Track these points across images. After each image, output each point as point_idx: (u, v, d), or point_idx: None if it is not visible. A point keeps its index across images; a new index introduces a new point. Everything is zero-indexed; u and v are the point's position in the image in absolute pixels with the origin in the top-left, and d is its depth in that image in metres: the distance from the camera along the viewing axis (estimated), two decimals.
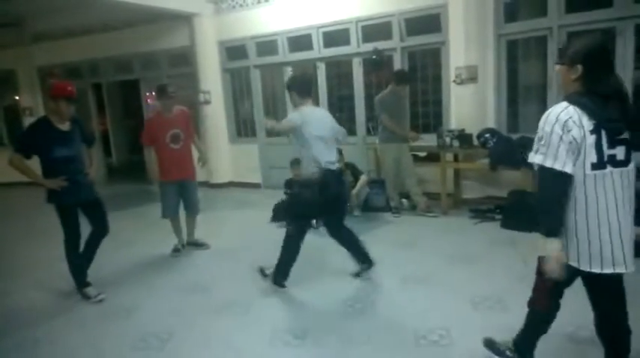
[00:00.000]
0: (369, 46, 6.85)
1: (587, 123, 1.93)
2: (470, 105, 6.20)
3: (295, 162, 6.08)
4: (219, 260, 4.91)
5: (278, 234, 5.72)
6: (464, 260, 4.38)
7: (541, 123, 2.02)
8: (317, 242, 5.11)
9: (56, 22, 9.32)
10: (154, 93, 4.61)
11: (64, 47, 9.78)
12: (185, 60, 8.81)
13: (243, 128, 8.79)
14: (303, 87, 3.95)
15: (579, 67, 1.98)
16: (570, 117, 1.94)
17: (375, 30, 6.92)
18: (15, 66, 10.39)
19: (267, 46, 8.03)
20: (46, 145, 3.74)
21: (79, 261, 4.07)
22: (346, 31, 7.15)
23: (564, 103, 1.99)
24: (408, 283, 3.98)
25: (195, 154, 5.15)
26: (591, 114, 1.93)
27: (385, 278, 4.07)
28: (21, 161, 3.78)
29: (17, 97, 10.61)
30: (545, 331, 2.40)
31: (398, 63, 6.71)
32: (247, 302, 3.77)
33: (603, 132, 1.94)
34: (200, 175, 5.40)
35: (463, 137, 5.88)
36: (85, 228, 4.10)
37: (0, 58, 10.16)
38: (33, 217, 6.88)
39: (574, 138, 1.93)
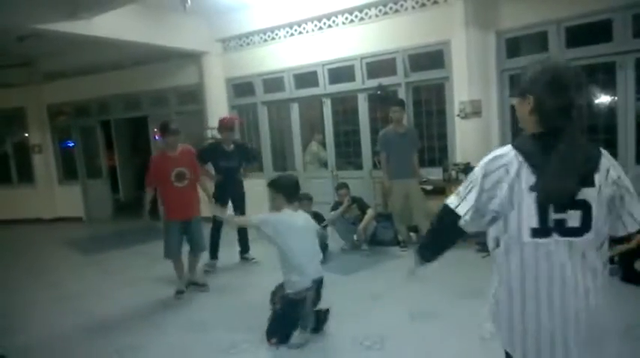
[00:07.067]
0: (373, 82, 6.97)
1: (528, 177, 1.52)
2: (474, 139, 6.24)
3: (304, 197, 6.07)
4: (223, 298, 4.85)
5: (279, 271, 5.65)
6: (473, 294, 4.31)
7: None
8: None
9: (66, 61, 9.55)
10: (157, 130, 4.72)
11: (74, 85, 9.99)
12: (193, 97, 8.97)
13: None
14: (291, 190, 3.71)
15: (530, 98, 1.59)
16: (505, 166, 1.56)
17: (380, 66, 7.06)
18: (25, 103, 10.56)
19: (273, 82, 8.19)
20: (215, 158, 5.75)
21: (217, 239, 5.76)
22: (351, 68, 7.29)
23: (507, 147, 1.62)
24: (417, 319, 3.93)
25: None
26: (535, 167, 1.52)
27: (394, 314, 4.03)
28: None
29: (27, 134, 10.77)
30: None
31: (403, 98, 6.79)
32: (254, 341, 3.71)
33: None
34: (205, 211, 5.27)
35: (469, 170, 5.87)
36: None
37: (10, 95, 10.36)
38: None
39: (498, 188, 1.56)
